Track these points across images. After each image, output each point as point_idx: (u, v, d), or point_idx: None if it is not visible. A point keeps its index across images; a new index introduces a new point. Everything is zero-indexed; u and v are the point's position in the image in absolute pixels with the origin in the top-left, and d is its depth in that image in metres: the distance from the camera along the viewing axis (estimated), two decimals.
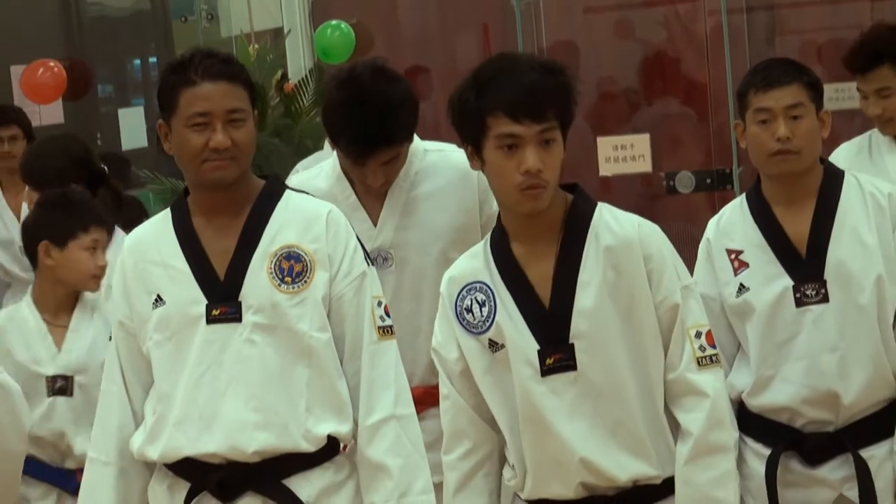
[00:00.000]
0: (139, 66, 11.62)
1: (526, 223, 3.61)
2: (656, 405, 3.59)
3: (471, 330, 3.66)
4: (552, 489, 3.62)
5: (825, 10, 9.92)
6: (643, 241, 3.58)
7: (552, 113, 3.51)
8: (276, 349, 3.91)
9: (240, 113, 3.89)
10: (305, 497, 3.92)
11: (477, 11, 10.47)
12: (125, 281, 4.03)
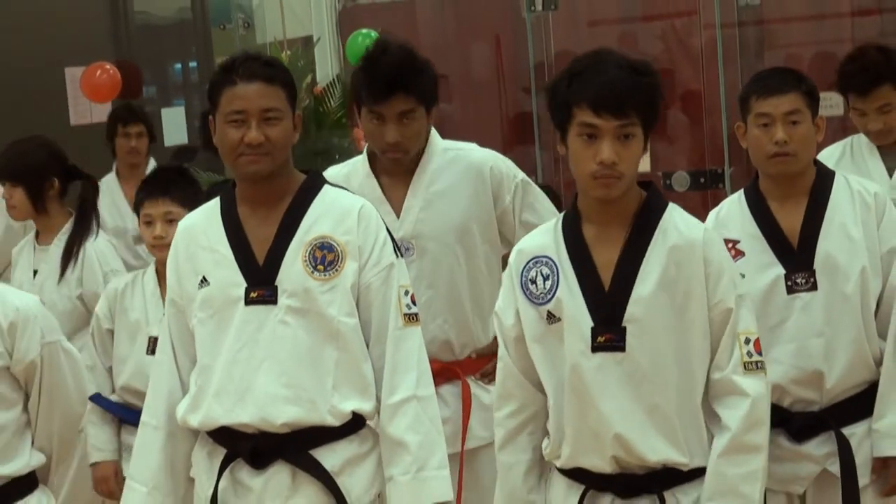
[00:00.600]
0: (180, 69, 11.62)
1: (599, 208, 3.59)
2: (693, 398, 3.56)
3: (532, 300, 3.64)
4: (587, 459, 3.60)
5: (810, 26, 9.89)
6: (706, 247, 3.55)
7: (633, 110, 3.48)
8: (307, 331, 3.92)
9: (275, 112, 3.90)
10: (330, 467, 3.93)
11: (490, 23, 10.44)
12: (177, 262, 4.07)
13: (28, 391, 4.12)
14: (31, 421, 4.13)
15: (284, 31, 10.03)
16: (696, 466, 3.57)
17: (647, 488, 3.57)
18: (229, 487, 3.97)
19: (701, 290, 3.54)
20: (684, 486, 3.57)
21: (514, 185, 4.65)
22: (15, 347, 4.05)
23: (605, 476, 3.59)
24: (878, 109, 5.11)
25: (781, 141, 4.21)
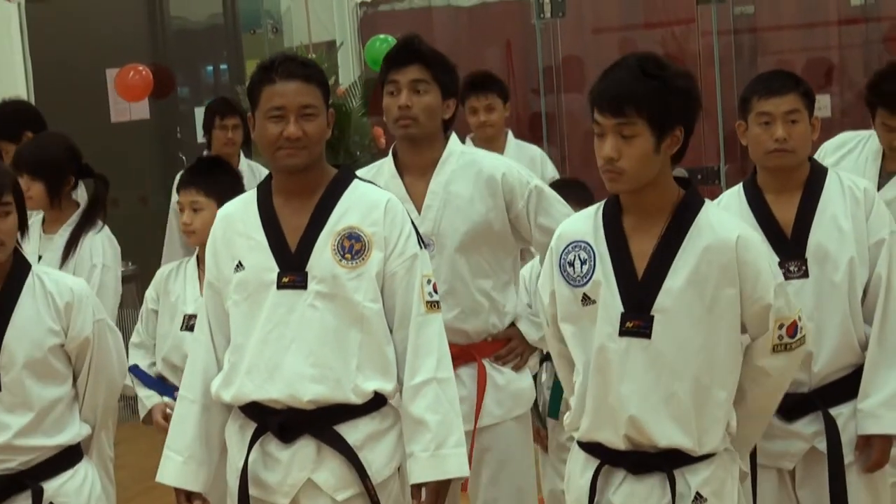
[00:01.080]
0: (212, 71, 11.61)
1: (633, 200, 3.59)
2: (713, 392, 3.55)
3: (570, 282, 3.64)
4: (602, 434, 3.60)
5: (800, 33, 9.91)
6: (740, 249, 3.53)
7: (633, 109, 3.46)
8: (334, 315, 3.91)
9: (311, 108, 3.90)
10: (353, 441, 3.92)
11: (502, 29, 10.45)
12: (215, 247, 4.07)
13: (77, 367, 4.12)
14: (79, 395, 4.13)
15: (310, 35, 10.02)
16: (707, 453, 3.57)
17: (657, 467, 3.56)
18: (259, 459, 3.96)
19: (732, 290, 3.53)
20: (694, 465, 3.57)
21: (527, 192, 4.60)
22: (70, 326, 4.06)
23: (618, 452, 3.59)
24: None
25: (781, 138, 4.20)
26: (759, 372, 3.63)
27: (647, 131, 3.48)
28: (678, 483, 3.55)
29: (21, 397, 4.02)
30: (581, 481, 3.66)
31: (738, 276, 3.53)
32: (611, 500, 3.62)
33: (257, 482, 3.96)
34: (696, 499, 3.55)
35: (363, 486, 3.92)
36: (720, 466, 3.60)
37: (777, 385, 3.70)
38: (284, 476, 3.95)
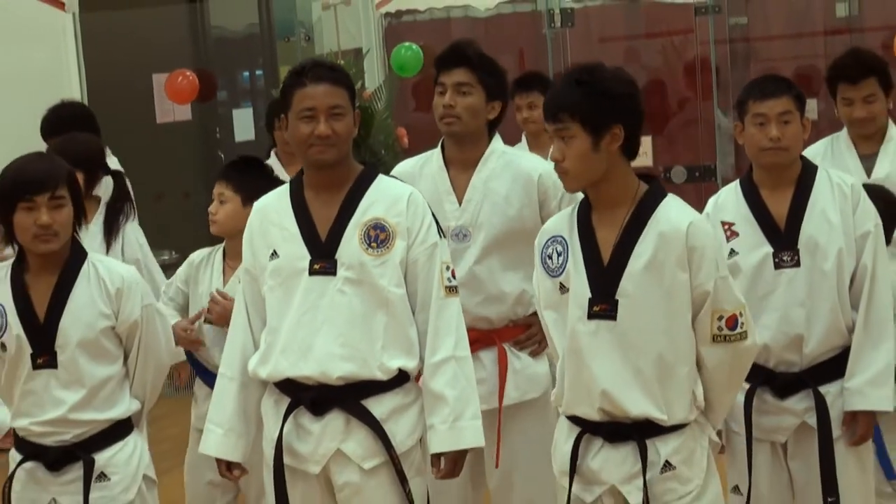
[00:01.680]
0: (248, 76, 11.59)
1: (597, 195, 3.64)
2: (677, 367, 3.57)
3: (549, 273, 3.70)
4: (580, 409, 3.64)
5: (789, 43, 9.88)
6: (690, 235, 3.54)
7: (566, 115, 3.52)
8: (361, 299, 3.92)
9: (339, 109, 3.91)
10: (378, 415, 3.93)
11: (515, 38, 10.44)
12: (252, 237, 4.08)
13: (128, 348, 4.13)
14: (129, 373, 4.14)
15: (339, 43, 9.99)
16: (676, 423, 3.59)
17: (630, 436, 3.58)
18: (293, 431, 3.96)
19: (684, 275, 3.54)
20: (664, 436, 3.59)
21: (560, 193, 4.57)
22: (120, 310, 4.07)
23: (595, 423, 3.62)
24: (864, 99, 5.07)
25: (775, 138, 4.20)
26: (700, 358, 3.63)
27: (582, 132, 3.52)
28: (649, 451, 3.57)
29: (75, 375, 4.03)
30: (564, 448, 3.70)
31: (687, 262, 3.54)
32: (589, 465, 3.65)
33: (291, 452, 3.97)
34: (665, 466, 3.58)
35: (388, 455, 3.93)
36: (690, 437, 3.62)
37: (719, 377, 3.67)
38: (316, 446, 3.95)
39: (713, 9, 9.63)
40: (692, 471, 3.60)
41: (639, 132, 3.62)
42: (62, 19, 9.11)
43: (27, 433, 4.07)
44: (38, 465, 4.06)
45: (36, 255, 4.05)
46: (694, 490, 3.60)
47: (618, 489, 3.61)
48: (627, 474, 3.58)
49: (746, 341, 3.63)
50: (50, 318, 4.03)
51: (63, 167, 4.07)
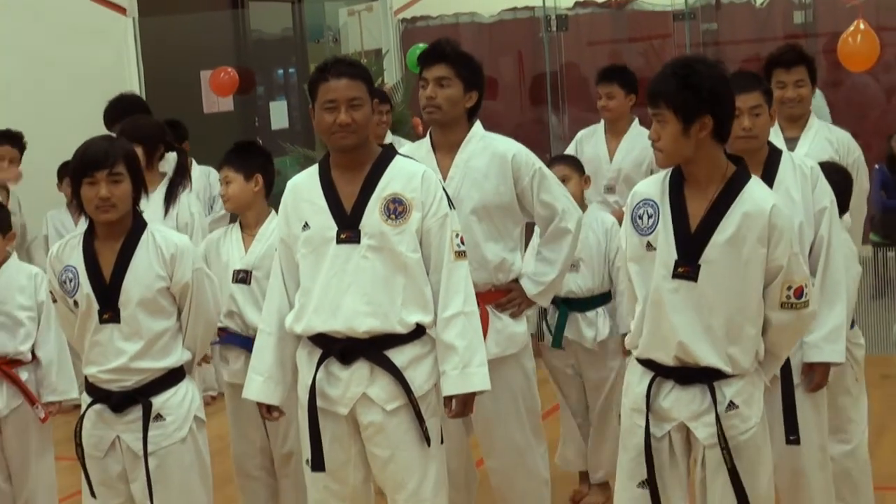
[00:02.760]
0: (282, 73, 11.58)
1: (690, 171, 3.61)
2: (744, 328, 3.57)
3: (638, 231, 3.66)
4: (656, 354, 3.64)
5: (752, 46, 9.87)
6: (772, 217, 3.53)
7: (662, 102, 3.52)
8: (383, 263, 3.92)
9: (357, 100, 3.91)
10: (399, 363, 3.94)
11: (516, 41, 10.44)
12: (286, 210, 4.08)
13: (180, 306, 4.13)
14: (182, 327, 4.14)
15: (362, 44, 10.04)
16: (741, 371, 3.59)
17: (699, 379, 3.58)
18: (324, 378, 3.97)
19: (763, 249, 3.53)
20: (728, 380, 3.59)
21: (532, 172, 4.58)
22: (174, 272, 4.07)
23: (668, 367, 3.62)
24: (795, 83, 5.07)
25: (747, 128, 4.18)
26: (767, 321, 3.62)
27: (674, 119, 3.50)
28: (717, 392, 3.57)
29: (135, 328, 4.04)
30: (638, 389, 3.68)
31: (767, 238, 3.53)
32: (661, 404, 3.64)
33: (323, 395, 3.98)
34: (729, 406, 3.58)
35: (407, 398, 3.93)
36: (749, 382, 3.62)
37: (783, 338, 3.69)
38: (344, 391, 3.96)
39: (688, 16, 9.63)
40: (751, 410, 3.61)
41: (729, 121, 3.60)
42: (123, 23, 9.13)
43: (95, 379, 4.08)
44: (105, 408, 4.07)
45: (102, 224, 4.05)
46: (753, 427, 3.61)
47: (686, 425, 3.62)
48: (695, 412, 3.59)
49: (809, 308, 3.63)
50: (114, 280, 4.04)
51: (121, 148, 4.06)
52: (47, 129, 8.03)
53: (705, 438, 3.58)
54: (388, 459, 3.98)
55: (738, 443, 3.58)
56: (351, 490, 4.04)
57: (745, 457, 3.59)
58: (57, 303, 4.20)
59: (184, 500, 4.10)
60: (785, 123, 5.09)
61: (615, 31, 10.42)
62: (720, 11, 9.85)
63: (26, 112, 8.15)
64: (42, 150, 7.72)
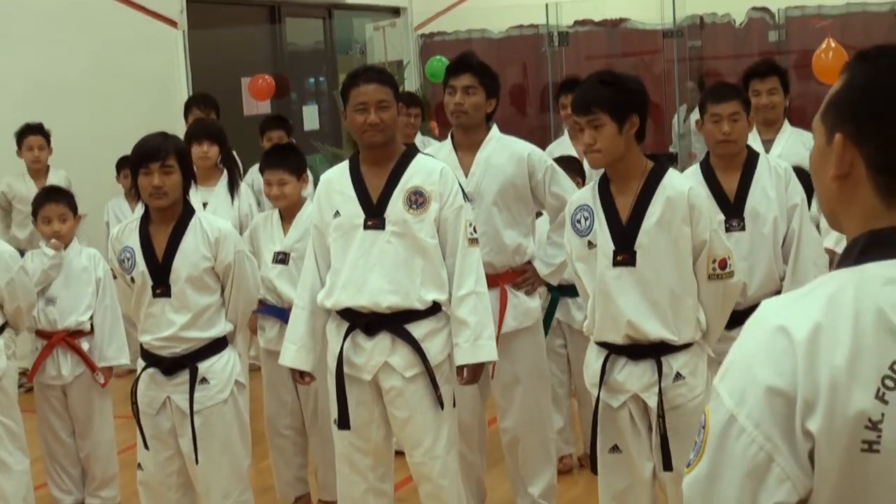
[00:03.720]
0: (314, 81, 11.55)
1: (615, 170, 3.61)
2: (684, 298, 3.57)
3: (578, 233, 3.67)
4: (608, 336, 3.64)
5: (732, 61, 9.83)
6: (690, 198, 3.55)
7: (598, 108, 3.50)
8: (404, 247, 3.93)
9: (385, 102, 3.92)
10: (417, 336, 3.95)
11: (520, 54, 10.43)
12: (320, 200, 4.10)
13: (223, 283, 4.14)
14: (225, 302, 4.15)
15: (386, 56, 10.03)
16: (685, 342, 3.59)
17: (648, 354, 3.59)
18: (350, 347, 3.99)
19: (687, 228, 3.53)
20: (675, 354, 3.59)
21: (544, 168, 4.60)
22: (218, 254, 4.08)
23: (619, 346, 3.62)
24: (768, 91, 5.12)
25: (727, 132, 4.18)
26: (700, 293, 3.61)
27: (610, 121, 3.50)
28: (664, 366, 3.58)
29: (184, 302, 4.05)
30: (595, 365, 3.69)
31: (689, 217, 3.53)
32: (616, 378, 3.64)
33: (349, 363, 3.99)
34: (676, 377, 3.58)
35: (424, 367, 3.95)
36: (694, 354, 3.62)
37: (713, 307, 3.66)
38: (368, 359, 3.98)
39: (676, 34, 9.61)
40: (697, 380, 3.61)
41: (646, 121, 3.61)
42: (174, 35, 9.12)
43: (149, 346, 4.10)
44: (157, 371, 4.09)
45: (156, 210, 4.07)
46: (700, 394, 3.60)
47: (639, 396, 3.62)
48: (646, 384, 3.59)
49: (733, 279, 3.63)
50: (166, 259, 4.05)
51: (172, 143, 4.08)
52: (107, 128, 8.05)
53: (655, 407, 3.59)
54: (406, 420, 3.99)
55: (687, 409, 3.59)
56: (373, 446, 4.06)
57: (695, 420, 3.55)
58: (116, 279, 4.23)
59: (225, 454, 4.12)
60: (762, 127, 5.11)
61: (610, 47, 10.39)
62: (704, 30, 9.82)
63: (89, 112, 8.18)
64: (103, 147, 7.76)
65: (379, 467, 4.09)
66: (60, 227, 5.18)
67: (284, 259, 4.88)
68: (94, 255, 5.25)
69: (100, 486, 5.36)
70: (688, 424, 3.56)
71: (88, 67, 8.26)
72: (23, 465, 4.84)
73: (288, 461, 5.08)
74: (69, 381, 5.17)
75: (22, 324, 4.91)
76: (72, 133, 7.96)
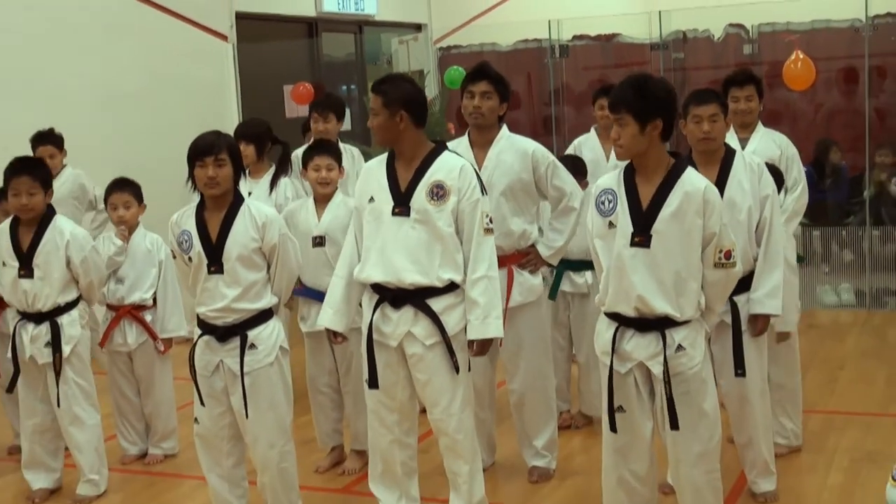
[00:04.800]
0: (346, 88, 11.50)
1: (640, 163, 3.55)
2: (689, 282, 3.52)
3: (601, 213, 3.59)
4: (620, 307, 3.57)
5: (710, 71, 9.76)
6: (706, 194, 3.50)
7: (623, 108, 3.45)
8: (426, 233, 3.93)
9: None
10: (436, 309, 3.95)
11: (526, 64, 10.35)
12: (361, 186, 4.11)
13: (270, 261, 4.13)
14: (271, 278, 4.14)
15: (409, 66, 10.00)
16: (686, 318, 3.54)
17: (654, 327, 3.54)
18: (379, 317, 4.00)
19: (699, 220, 3.49)
20: (677, 328, 3.54)
21: (547, 163, 4.60)
22: (264, 236, 4.07)
23: (629, 318, 3.57)
24: (746, 97, 5.02)
25: (707, 131, 4.15)
26: (704, 278, 3.57)
27: (633, 121, 3.45)
28: (667, 337, 3.54)
29: (234, 278, 4.05)
30: (606, 335, 3.63)
31: (702, 212, 3.49)
32: (624, 348, 3.59)
33: (378, 331, 4.00)
34: (678, 348, 3.54)
35: (442, 337, 3.95)
36: (693, 329, 3.58)
37: (716, 291, 3.62)
38: (394, 328, 3.98)
39: (662, 47, 9.54)
40: (696, 351, 3.56)
41: (674, 122, 3.55)
42: (225, 48, 9.11)
43: (205, 316, 4.10)
44: (212, 338, 4.09)
45: (210, 198, 4.06)
46: (698, 364, 3.56)
47: (643, 363, 3.57)
48: (652, 353, 3.54)
49: (736, 268, 3.60)
50: (219, 241, 4.05)
51: (224, 140, 4.07)
52: (165, 130, 8.05)
53: (659, 374, 3.55)
54: (427, 382, 3.99)
55: (687, 376, 3.55)
56: (399, 404, 4.07)
57: (694, 386, 3.56)
58: (176, 259, 4.22)
59: (271, 410, 4.12)
60: (739, 128, 5.06)
61: (604, 59, 10.33)
62: (686, 44, 9.74)
63: (151, 115, 8.18)
64: (161, 147, 7.76)
65: (404, 422, 4.09)
66: (125, 213, 5.21)
67: (322, 242, 4.86)
68: (156, 239, 5.30)
69: (161, 439, 5.40)
70: (687, 389, 3.54)
71: (150, 76, 8.26)
72: (94, 419, 4.88)
73: (326, 415, 5.09)
74: (134, 349, 5.24)
75: (94, 297, 4.93)
76: (135, 134, 8.01)
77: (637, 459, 3.66)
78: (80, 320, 4.80)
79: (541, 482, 4.76)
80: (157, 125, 8.18)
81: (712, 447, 3.62)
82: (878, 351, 6.78)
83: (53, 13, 7.50)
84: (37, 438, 4.89)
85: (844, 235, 8.36)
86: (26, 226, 4.73)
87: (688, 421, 3.55)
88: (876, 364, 6.45)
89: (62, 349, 4.71)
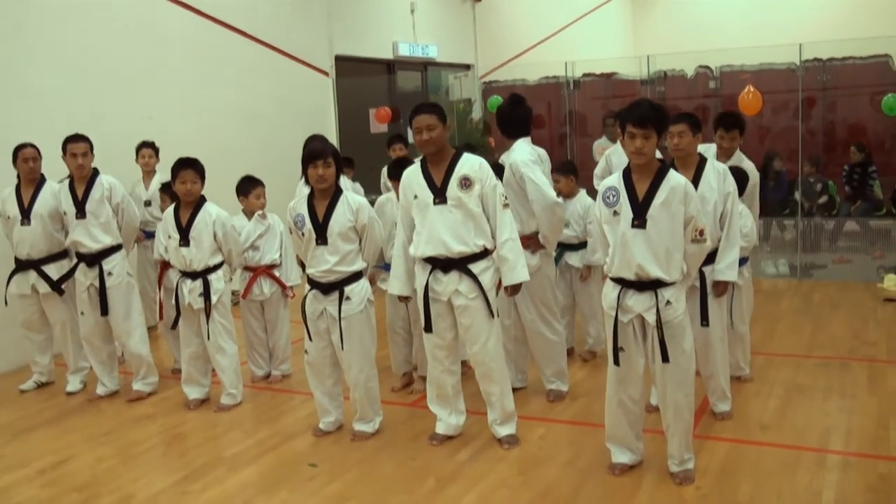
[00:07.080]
0: None
1: (640, 167, 3.46)
2: (673, 253, 3.45)
3: (607, 205, 3.51)
4: (623, 273, 3.50)
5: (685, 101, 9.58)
6: (686, 188, 3.43)
7: (650, 124, 3.37)
8: (461, 215, 3.88)
9: (432, 125, 3.86)
10: (475, 272, 3.91)
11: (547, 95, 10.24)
12: (404, 188, 4.01)
13: (361, 236, 4.12)
14: (361, 248, 4.13)
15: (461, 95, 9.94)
16: (672, 280, 3.48)
17: (649, 287, 3.48)
18: (433, 280, 3.95)
19: (682, 207, 3.43)
20: (666, 288, 3.48)
21: (519, 175, 4.40)
22: (357, 218, 4.07)
23: (630, 281, 3.50)
24: (730, 139, 4.73)
25: (676, 143, 4.06)
26: (684, 251, 3.50)
27: (654, 134, 3.39)
28: (658, 294, 3.48)
29: (335, 248, 4.05)
30: (612, 294, 3.56)
31: (684, 201, 3.42)
32: (626, 303, 3.53)
33: (432, 290, 3.96)
34: (667, 303, 3.48)
35: (480, 292, 3.91)
36: (677, 289, 3.51)
37: (693, 261, 3.54)
38: (445, 287, 3.94)
39: (648, 82, 9.40)
40: (678, 304, 3.49)
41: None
42: (326, 81, 9.12)
43: (313, 276, 4.11)
44: (318, 292, 4.11)
45: (318, 190, 4.06)
46: (680, 314, 3.50)
47: (641, 315, 3.52)
48: (647, 307, 3.48)
49: (707, 243, 3.53)
50: (324, 221, 4.05)
51: (330, 147, 4.07)
52: (280, 150, 8.09)
53: (652, 322, 3.50)
54: (469, 326, 3.96)
55: (673, 324, 3.49)
56: (447, 343, 4.04)
57: (677, 331, 3.51)
58: (292, 234, 4.21)
59: (360, 345, 4.13)
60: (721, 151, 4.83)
61: (605, 91, 10.21)
62: (667, 80, 9.60)
63: (268, 133, 8.21)
64: (277, 162, 7.80)
65: (451, 356, 4.08)
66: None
67: None
68: (277, 219, 5.31)
69: (280, 363, 5.45)
70: (673, 333, 3.50)
71: (273, 102, 8.32)
72: (233, 349, 4.93)
73: (399, 350, 5.08)
74: (267, 297, 5.26)
75: (234, 262, 4.97)
76: (263, 143, 8.06)
77: (632, 386, 3.63)
78: (223, 277, 4.85)
79: (556, 402, 4.72)
80: (278, 137, 8.23)
81: (689, 376, 3.57)
82: (806, 309, 6.68)
83: (209, 57, 7.61)
84: (192, 362, 4.96)
85: (783, 223, 8.26)
86: (185, 208, 4.78)
87: (672, 356, 3.51)
88: (804, 319, 6.35)
89: (211, 298, 4.77)
